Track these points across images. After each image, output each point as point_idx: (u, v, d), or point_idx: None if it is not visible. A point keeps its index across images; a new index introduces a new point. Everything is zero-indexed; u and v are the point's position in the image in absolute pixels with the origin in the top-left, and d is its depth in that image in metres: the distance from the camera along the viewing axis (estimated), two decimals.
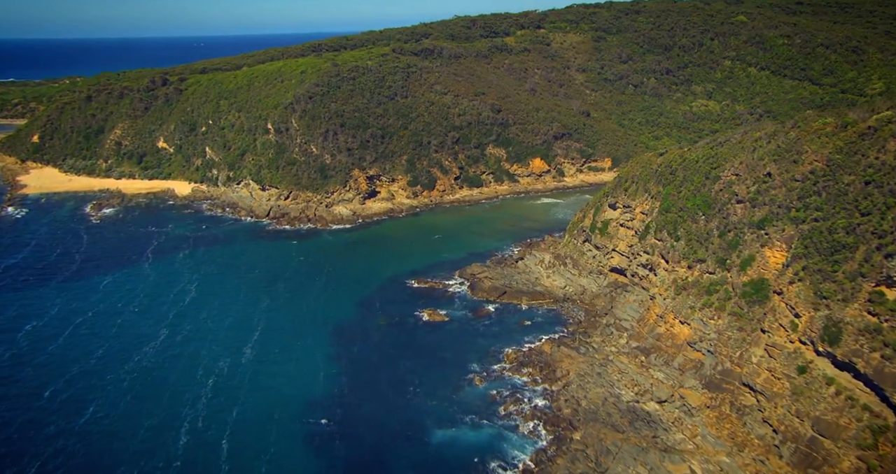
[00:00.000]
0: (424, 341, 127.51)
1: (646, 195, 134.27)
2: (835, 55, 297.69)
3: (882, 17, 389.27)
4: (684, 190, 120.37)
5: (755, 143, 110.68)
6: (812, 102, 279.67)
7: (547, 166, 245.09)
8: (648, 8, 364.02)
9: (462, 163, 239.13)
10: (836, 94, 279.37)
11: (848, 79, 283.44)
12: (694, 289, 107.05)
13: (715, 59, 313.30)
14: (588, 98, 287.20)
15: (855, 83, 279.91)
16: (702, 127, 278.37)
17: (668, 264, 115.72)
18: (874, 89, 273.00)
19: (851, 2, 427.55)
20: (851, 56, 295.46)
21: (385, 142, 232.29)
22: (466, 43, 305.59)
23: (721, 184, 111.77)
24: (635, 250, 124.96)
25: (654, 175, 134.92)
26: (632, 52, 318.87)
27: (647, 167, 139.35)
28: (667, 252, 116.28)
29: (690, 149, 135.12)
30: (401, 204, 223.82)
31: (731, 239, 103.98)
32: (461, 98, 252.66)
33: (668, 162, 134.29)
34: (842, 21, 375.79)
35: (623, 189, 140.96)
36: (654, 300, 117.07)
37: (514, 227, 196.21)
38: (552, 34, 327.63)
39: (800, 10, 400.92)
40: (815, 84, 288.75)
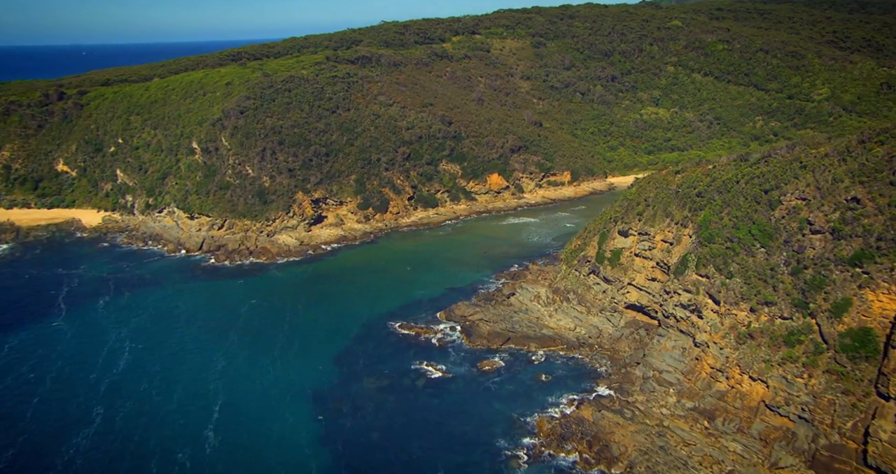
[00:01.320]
0: (430, 409, 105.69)
1: (667, 221, 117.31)
2: (776, 60, 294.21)
3: (801, 23, 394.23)
4: (727, 216, 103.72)
5: (822, 161, 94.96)
6: (760, 109, 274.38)
7: (505, 182, 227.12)
8: (582, 13, 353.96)
9: (415, 182, 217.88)
10: (783, 99, 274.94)
11: (792, 84, 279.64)
12: (765, 337, 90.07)
13: (657, 64, 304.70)
14: (536, 107, 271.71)
15: (800, 88, 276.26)
16: (654, 135, 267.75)
17: (719, 306, 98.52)
18: (820, 95, 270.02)
19: (769, 9, 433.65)
20: (792, 61, 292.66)
21: (330, 161, 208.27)
22: (403, 50, 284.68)
23: (783, 211, 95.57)
24: (671, 287, 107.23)
25: (675, 197, 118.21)
26: (573, 58, 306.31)
27: (663, 188, 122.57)
28: (716, 291, 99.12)
29: (715, 166, 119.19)
30: (352, 229, 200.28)
31: (810, 278, 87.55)
32: (408, 110, 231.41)
33: (692, 182, 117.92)
34: (765, 27, 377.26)
35: (636, 213, 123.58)
36: (704, 348, 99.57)
37: (487, 255, 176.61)
38: (490, 40, 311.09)
39: (721, 16, 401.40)
40: (760, 89, 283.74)
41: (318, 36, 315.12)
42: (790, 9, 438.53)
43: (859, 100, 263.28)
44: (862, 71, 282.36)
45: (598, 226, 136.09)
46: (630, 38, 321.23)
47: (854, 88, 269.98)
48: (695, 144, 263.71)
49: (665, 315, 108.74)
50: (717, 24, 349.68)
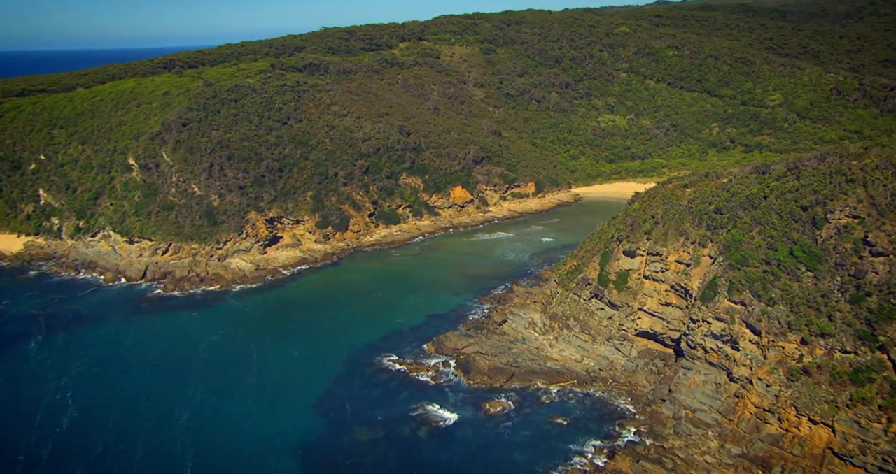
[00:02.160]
0: (440, 466, 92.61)
1: (681, 240, 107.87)
2: (726, 66, 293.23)
3: (739, 30, 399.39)
4: (759, 235, 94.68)
5: (873, 175, 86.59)
6: (716, 115, 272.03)
7: (469, 195, 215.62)
8: (528, 19, 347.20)
9: (375, 197, 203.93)
10: (737, 105, 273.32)
11: (745, 90, 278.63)
12: (824, 374, 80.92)
13: (609, 71, 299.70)
14: (493, 115, 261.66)
15: (753, 94, 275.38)
16: (614, 143, 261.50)
17: (760, 337, 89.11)
18: (774, 101, 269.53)
19: (704, 16, 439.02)
20: (742, 67, 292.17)
21: (284, 177, 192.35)
22: (351, 57, 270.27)
23: (831, 230, 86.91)
24: (698, 315, 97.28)
25: (688, 213, 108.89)
26: (525, 64, 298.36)
27: (672, 202, 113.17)
28: (756, 320, 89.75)
29: (731, 179, 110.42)
30: (311, 250, 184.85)
31: (876, 306, 78.94)
32: (363, 120, 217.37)
33: (706, 197, 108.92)
34: (704, 33, 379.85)
35: (643, 231, 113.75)
36: (744, 384, 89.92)
37: (465, 276, 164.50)
38: (439, 46, 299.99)
39: (661, 22, 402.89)
40: (713, 96, 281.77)
41: (256, 42, 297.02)
42: (726, 17, 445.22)
43: (812, 105, 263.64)
44: (811, 77, 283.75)
45: (596, 245, 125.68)
46: (579, 45, 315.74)
47: (805, 94, 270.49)
48: (654, 152, 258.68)
49: (691, 345, 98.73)
50: (662, 30, 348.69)
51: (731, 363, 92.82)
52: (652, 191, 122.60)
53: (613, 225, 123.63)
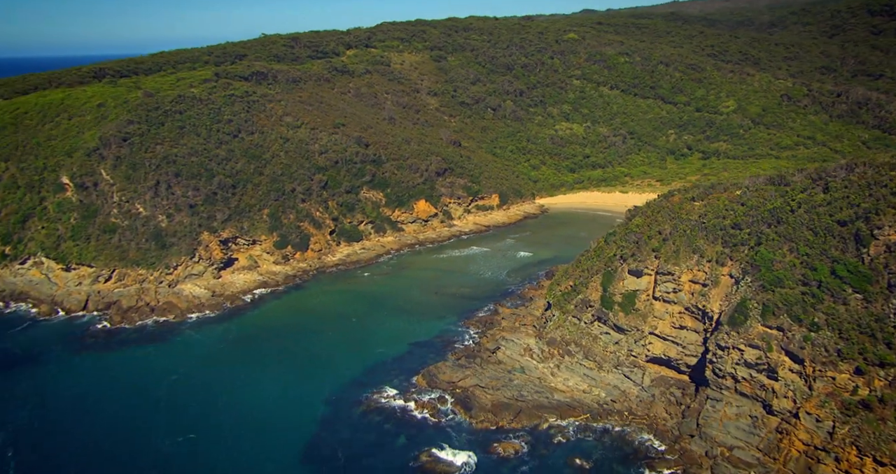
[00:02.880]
0: None
1: (695, 258, 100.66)
2: (678, 73, 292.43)
3: (679, 37, 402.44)
4: (791, 253, 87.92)
5: None
6: (672, 122, 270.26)
7: (433, 209, 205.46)
8: (475, 25, 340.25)
9: (335, 213, 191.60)
10: (692, 112, 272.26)
11: (698, 97, 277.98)
12: (888, 409, 74.10)
13: (562, 78, 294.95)
14: (449, 124, 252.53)
15: (707, 101, 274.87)
16: (573, 152, 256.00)
17: (804, 365, 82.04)
18: (728, 107, 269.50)
19: (645, 23, 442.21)
20: (693, 74, 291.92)
21: (238, 194, 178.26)
22: (298, 65, 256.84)
23: (880, 247, 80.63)
24: (727, 341, 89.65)
25: (700, 229, 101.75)
26: (477, 72, 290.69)
27: (681, 217, 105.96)
28: (797, 347, 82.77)
29: (746, 191, 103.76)
30: (271, 273, 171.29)
31: None
32: (319, 131, 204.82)
33: (719, 211, 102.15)
34: (648, 40, 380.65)
35: (650, 249, 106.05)
36: (788, 419, 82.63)
37: (442, 296, 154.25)
38: (388, 54, 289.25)
39: (603, 29, 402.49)
40: (668, 102, 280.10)
41: (194, 50, 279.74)
42: (666, 24, 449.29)
43: (764, 112, 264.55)
44: (761, 83, 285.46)
45: (594, 263, 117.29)
46: (530, 51, 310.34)
47: (758, 101, 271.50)
48: (614, 160, 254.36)
49: (718, 373, 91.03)
50: (610, 37, 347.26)
51: (769, 394, 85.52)
52: (654, 206, 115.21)
53: (613, 242, 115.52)
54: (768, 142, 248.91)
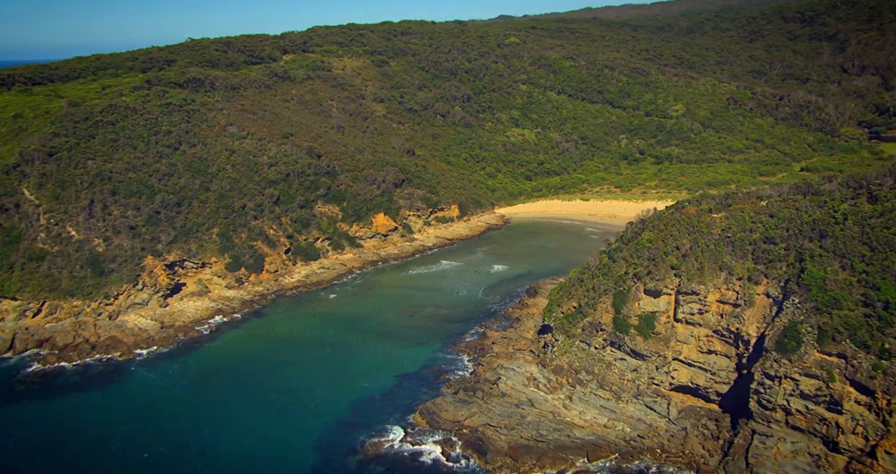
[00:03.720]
0: None
1: (722, 275, 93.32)
2: (624, 77, 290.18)
3: (614, 41, 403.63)
4: (845, 270, 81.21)
5: None
6: (622, 127, 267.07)
7: (393, 222, 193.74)
8: (414, 29, 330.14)
9: (290, 231, 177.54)
10: (641, 117, 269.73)
11: (647, 101, 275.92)
12: None
13: (508, 83, 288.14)
14: (399, 132, 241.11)
15: (655, 105, 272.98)
16: (527, 159, 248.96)
17: (875, 398, 75.28)
18: (677, 111, 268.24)
19: (578, 28, 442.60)
20: (639, 78, 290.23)
21: (183, 213, 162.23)
22: (235, 70, 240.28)
23: None
24: (777, 370, 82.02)
25: (726, 243, 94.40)
26: (422, 77, 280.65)
27: (701, 232, 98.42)
28: (867, 376, 75.85)
29: (771, 202, 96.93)
30: (224, 299, 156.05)
31: None
32: (266, 142, 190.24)
33: (745, 224, 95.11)
34: (584, 44, 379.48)
35: (668, 266, 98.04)
36: (861, 458, 75.53)
37: (420, 319, 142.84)
38: (328, 59, 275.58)
39: (538, 34, 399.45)
40: (616, 107, 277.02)
41: (116, 55, 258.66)
42: (599, 29, 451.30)
43: (713, 115, 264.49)
44: (706, 87, 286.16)
45: (601, 282, 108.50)
46: (472, 56, 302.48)
47: (705, 104, 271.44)
48: (569, 167, 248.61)
49: (766, 405, 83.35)
50: (551, 41, 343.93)
51: (832, 429, 78.27)
52: (664, 218, 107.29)
53: (622, 259, 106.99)
54: (720, 146, 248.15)
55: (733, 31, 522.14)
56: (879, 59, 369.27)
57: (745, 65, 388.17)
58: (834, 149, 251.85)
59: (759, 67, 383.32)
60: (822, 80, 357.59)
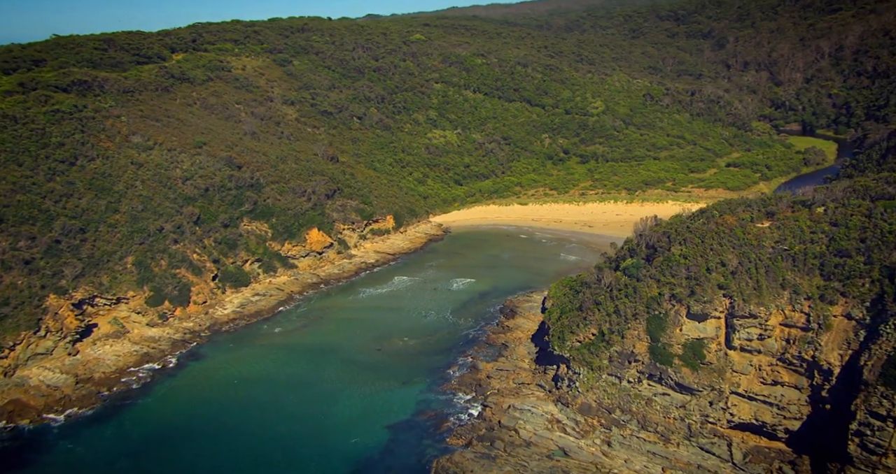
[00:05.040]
0: None
1: (786, 294, 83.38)
2: (538, 74, 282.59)
3: (512, 38, 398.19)
4: None
5: None
6: (544, 125, 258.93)
7: (328, 238, 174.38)
8: (311, 26, 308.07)
9: (214, 254, 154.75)
10: (562, 115, 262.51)
11: (565, 98, 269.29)
12: None
13: (420, 81, 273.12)
14: (316, 137, 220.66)
15: (574, 103, 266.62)
16: (452, 162, 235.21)
17: None
18: (597, 109, 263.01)
19: (472, 25, 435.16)
20: (553, 75, 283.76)
21: (90, 240, 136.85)
22: (121, 71, 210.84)
23: None
24: (885, 408, 72.13)
25: (785, 257, 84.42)
26: (330, 77, 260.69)
27: (748, 243, 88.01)
28: None
29: (832, 204, 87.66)
30: (149, 339, 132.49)
31: None
32: (178, 153, 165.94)
33: (802, 234, 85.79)
34: (482, 41, 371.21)
35: (713, 285, 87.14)
36: None
37: (390, 353, 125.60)
38: (226, 58, 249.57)
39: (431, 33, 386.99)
40: (535, 105, 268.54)
41: None
42: (495, 26, 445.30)
43: (632, 112, 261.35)
44: (621, 83, 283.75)
45: (628, 305, 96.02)
46: (379, 54, 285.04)
47: (623, 101, 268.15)
48: (496, 169, 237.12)
49: (872, 449, 73.21)
50: (457, 38, 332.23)
51: None
52: (697, 229, 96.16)
53: (650, 277, 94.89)
54: (643, 143, 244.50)
55: (613, 29, 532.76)
56: (761, 55, 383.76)
57: (639, 61, 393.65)
58: (749, 143, 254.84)
59: (654, 64, 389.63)
60: (713, 76, 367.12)
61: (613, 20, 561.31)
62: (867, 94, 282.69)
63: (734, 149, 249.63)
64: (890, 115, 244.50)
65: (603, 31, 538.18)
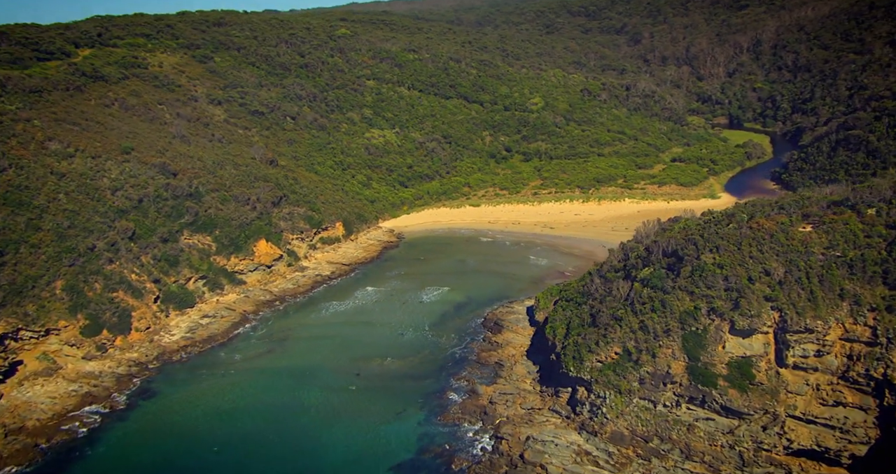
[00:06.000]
0: None
1: (845, 305, 77.38)
2: (473, 70, 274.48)
3: (431, 33, 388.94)
4: None
5: None
6: (484, 123, 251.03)
7: (277, 250, 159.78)
8: (229, 19, 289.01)
9: (154, 273, 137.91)
10: (501, 111, 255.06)
11: (503, 94, 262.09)
12: None
13: (351, 79, 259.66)
14: (248, 139, 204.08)
15: (512, 99, 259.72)
16: (394, 163, 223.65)
17: None
18: (536, 105, 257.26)
19: (386, 19, 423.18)
20: (488, 70, 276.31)
21: (10, 263, 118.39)
22: (23, 68, 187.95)
23: None
24: None
25: (841, 265, 78.33)
26: (257, 75, 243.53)
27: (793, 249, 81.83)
28: None
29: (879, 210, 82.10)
30: (87, 375, 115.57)
31: None
32: (104, 160, 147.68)
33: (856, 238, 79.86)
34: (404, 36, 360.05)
35: (759, 297, 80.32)
36: None
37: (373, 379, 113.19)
38: (139, 53, 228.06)
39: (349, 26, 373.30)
40: (473, 102, 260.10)
41: None
42: (411, 20, 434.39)
43: (572, 108, 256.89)
44: (556, 78, 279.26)
45: (655, 319, 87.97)
46: (305, 50, 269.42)
47: (561, 96, 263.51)
48: (440, 169, 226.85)
49: None
50: (383, 33, 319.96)
51: None
52: (729, 235, 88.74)
53: (679, 288, 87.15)
54: (586, 139, 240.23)
55: (526, 25, 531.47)
56: (678, 50, 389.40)
57: (563, 56, 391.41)
58: (687, 137, 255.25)
59: (578, 59, 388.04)
60: (635, 71, 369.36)
61: (525, 16, 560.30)
62: (791, 87, 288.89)
63: (674, 144, 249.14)
64: (819, 108, 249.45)
65: (516, 26, 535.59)
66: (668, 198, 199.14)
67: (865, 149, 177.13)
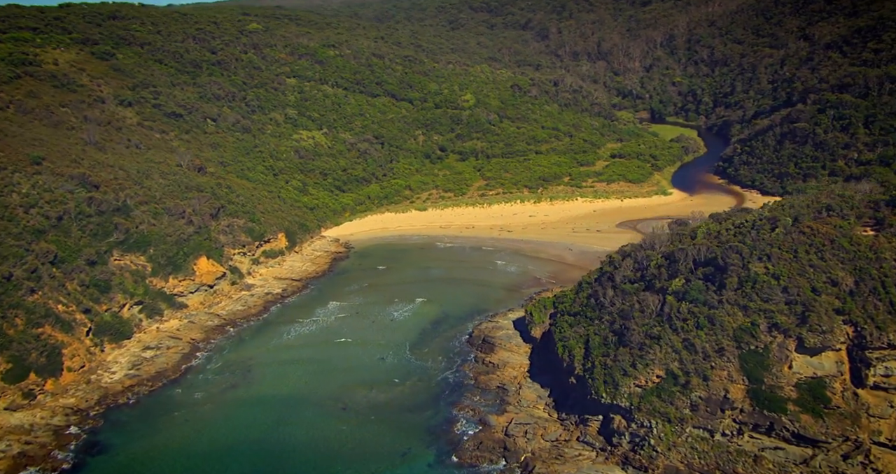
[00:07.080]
0: None
1: None
2: (398, 66, 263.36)
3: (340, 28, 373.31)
4: None
5: None
6: (416, 121, 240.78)
7: (219, 267, 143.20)
8: (125, 12, 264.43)
9: (83, 301, 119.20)
10: (432, 109, 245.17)
11: (432, 92, 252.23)
12: None
13: (270, 76, 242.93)
14: (167, 144, 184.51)
15: (443, 96, 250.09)
16: (327, 166, 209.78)
17: None
18: (467, 102, 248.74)
19: (287, 13, 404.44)
20: (414, 66, 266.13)
21: None
22: None
23: None
24: None
25: None
26: (166, 73, 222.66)
27: (862, 256, 76.00)
28: None
29: None
30: (15, 430, 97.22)
31: None
32: (10, 173, 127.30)
33: None
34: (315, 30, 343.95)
35: (829, 310, 73.77)
36: None
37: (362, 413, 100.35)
38: (29, 49, 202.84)
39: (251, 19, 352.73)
40: (401, 99, 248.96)
41: None
42: (320, 17, 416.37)
43: (504, 104, 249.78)
44: (485, 74, 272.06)
45: (706, 338, 79.95)
46: (216, 46, 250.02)
47: (492, 93, 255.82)
48: (376, 171, 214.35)
49: None
50: (296, 28, 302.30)
51: None
52: (774, 240, 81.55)
53: (731, 302, 79.28)
54: (522, 137, 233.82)
55: (429, 20, 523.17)
56: (589, 46, 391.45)
57: (477, 52, 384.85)
58: (618, 133, 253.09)
59: (492, 54, 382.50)
60: (550, 66, 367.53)
61: (426, 12, 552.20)
62: (710, 81, 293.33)
63: (607, 140, 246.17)
64: (744, 102, 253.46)
65: (419, 23, 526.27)
66: (620, 195, 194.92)
67: (812, 142, 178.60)
